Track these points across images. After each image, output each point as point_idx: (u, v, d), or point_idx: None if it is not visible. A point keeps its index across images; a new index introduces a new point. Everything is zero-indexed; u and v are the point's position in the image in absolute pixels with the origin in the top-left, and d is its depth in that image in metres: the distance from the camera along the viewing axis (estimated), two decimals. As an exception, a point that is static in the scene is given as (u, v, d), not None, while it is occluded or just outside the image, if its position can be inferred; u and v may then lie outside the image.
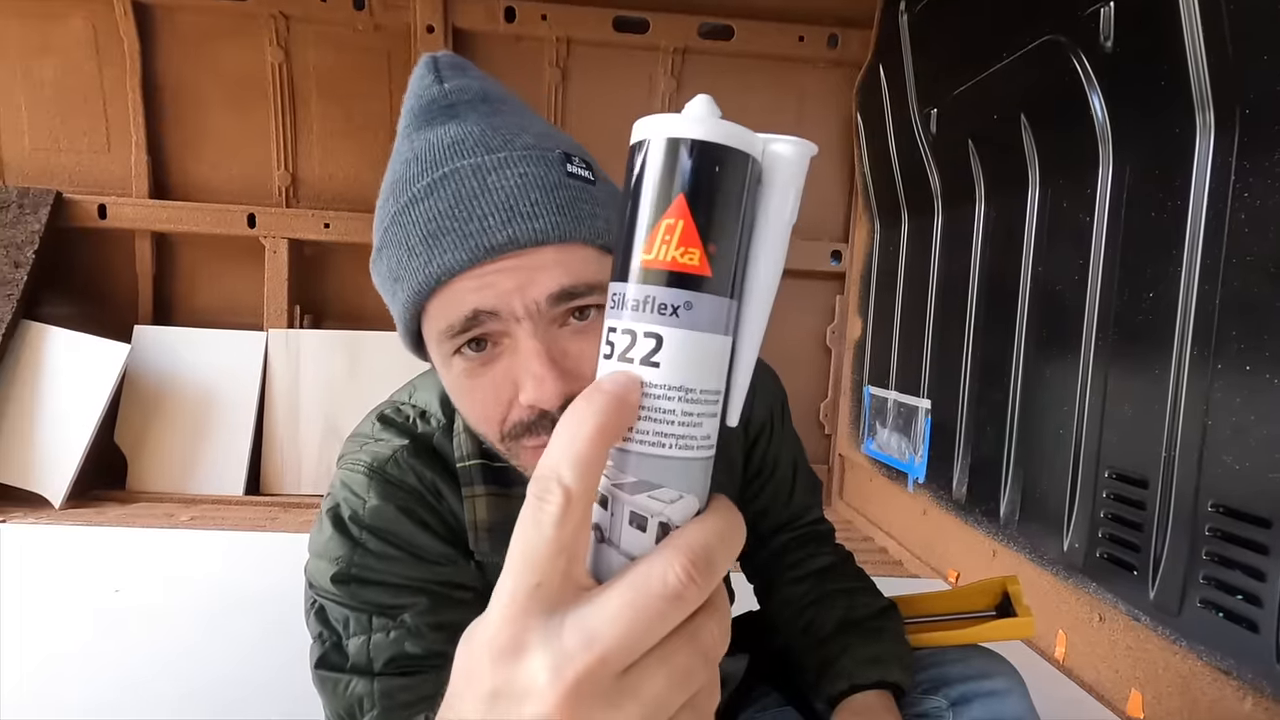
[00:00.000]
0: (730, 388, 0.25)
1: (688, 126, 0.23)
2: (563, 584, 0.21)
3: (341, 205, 2.43)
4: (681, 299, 0.23)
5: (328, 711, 0.54)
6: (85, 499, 2.11)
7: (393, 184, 0.50)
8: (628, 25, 2.38)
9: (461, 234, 0.45)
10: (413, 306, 0.47)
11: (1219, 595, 1.00)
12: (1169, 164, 1.11)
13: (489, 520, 0.56)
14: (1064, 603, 1.33)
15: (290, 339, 2.35)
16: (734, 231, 0.23)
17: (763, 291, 0.24)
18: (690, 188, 0.22)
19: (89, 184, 2.37)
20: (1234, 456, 0.99)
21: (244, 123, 2.40)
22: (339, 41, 2.38)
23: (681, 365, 0.23)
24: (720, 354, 0.24)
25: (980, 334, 1.62)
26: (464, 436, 0.57)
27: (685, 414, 0.23)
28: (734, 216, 0.23)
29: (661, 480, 0.23)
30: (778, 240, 0.24)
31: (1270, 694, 0.93)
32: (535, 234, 0.45)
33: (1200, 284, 1.05)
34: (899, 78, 1.97)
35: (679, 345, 0.23)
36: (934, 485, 1.79)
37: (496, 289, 0.45)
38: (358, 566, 0.53)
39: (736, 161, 0.23)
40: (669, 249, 0.22)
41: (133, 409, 2.25)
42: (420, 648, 0.53)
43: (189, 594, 1.52)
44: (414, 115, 0.51)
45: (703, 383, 0.23)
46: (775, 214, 0.24)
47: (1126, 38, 1.18)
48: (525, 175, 0.46)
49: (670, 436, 0.23)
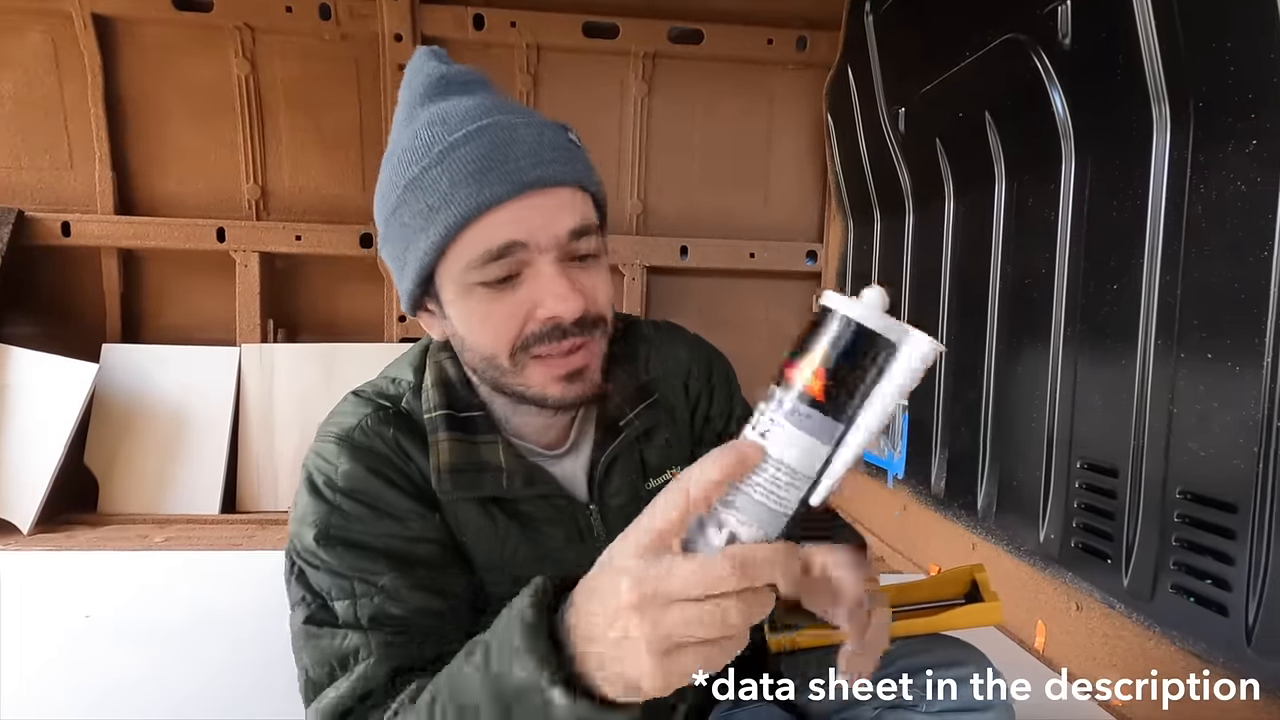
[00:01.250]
0: (819, 479, 0.35)
1: (853, 309, 0.34)
2: (661, 545, 0.36)
3: (313, 217, 2.40)
4: (805, 411, 0.34)
5: (313, 668, 0.55)
6: (55, 523, 2.06)
7: (417, 140, 0.56)
8: (597, 31, 2.38)
9: (502, 171, 0.54)
10: (449, 235, 0.54)
11: (1189, 580, 1.01)
12: (1128, 158, 1.13)
13: (451, 462, 0.60)
14: (1042, 593, 1.34)
15: (264, 353, 2.31)
16: (858, 384, 0.34)
17: (866, 428, 0.34)
18: (841, 350, 0.34)
19: (52, 201, 2.32)
20: (1199, 443, 1.00)
21: (211, 136, 2.36)
22: (306, 51, 2.35)
23: (791, 452, 0.34)
24: (819, 455, 0.35)
25: (953, 330, 1.64)
26: (431, 391, 0.63)
27: (781, 482, 0.35)
28: (862, 376, 0.34)
29: (747, 512, 0.35)
30: (890, 398, 0.34)
31: (1240, 675, 0.94)
32: (558, 176, 0.56)
33: (1162, 275, 1.07)
34: (867, 78, 1.99)
35: (791, 438, 0.34)
36: (913, 481, 1.80)
37: (528, 224, 0.54)
38: (335, 527, 0.57)
39: (880, 343, 0.34)
40: (812, 380, 0.34)
41: (103, 430, 2.20)
42: (401, 609, 0.55)
43: (164, 616, 1.48)
44: (425, 89, 0.59)
45: (801, 468, 0.35)
46: (896, 380, 0.34)
47: (1084, 35, 1.20)
48: (542, 134, 0.57)
49: (765, 491, 0.35)
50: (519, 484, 0.62)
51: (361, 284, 2.43)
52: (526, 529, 0.64)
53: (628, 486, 0.69)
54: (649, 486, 0.71)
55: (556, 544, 0.66)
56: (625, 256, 2.43)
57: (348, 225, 2.32)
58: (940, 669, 0.64)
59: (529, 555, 0.65)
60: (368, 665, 0.53)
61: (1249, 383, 0.93)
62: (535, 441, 0.67)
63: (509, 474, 0.62)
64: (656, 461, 0.71)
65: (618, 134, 2.46)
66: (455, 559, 0.62)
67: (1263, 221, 0.91)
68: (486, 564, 0.64)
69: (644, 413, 0.69)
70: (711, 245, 2.45)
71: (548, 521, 0.65)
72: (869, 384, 0.34)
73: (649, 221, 2.52)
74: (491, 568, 0.64)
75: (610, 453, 0.67)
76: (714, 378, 0.76)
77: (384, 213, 0.59)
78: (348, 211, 2.35)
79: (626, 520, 0.69)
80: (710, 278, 2.52)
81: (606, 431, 0.67)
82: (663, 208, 2.52)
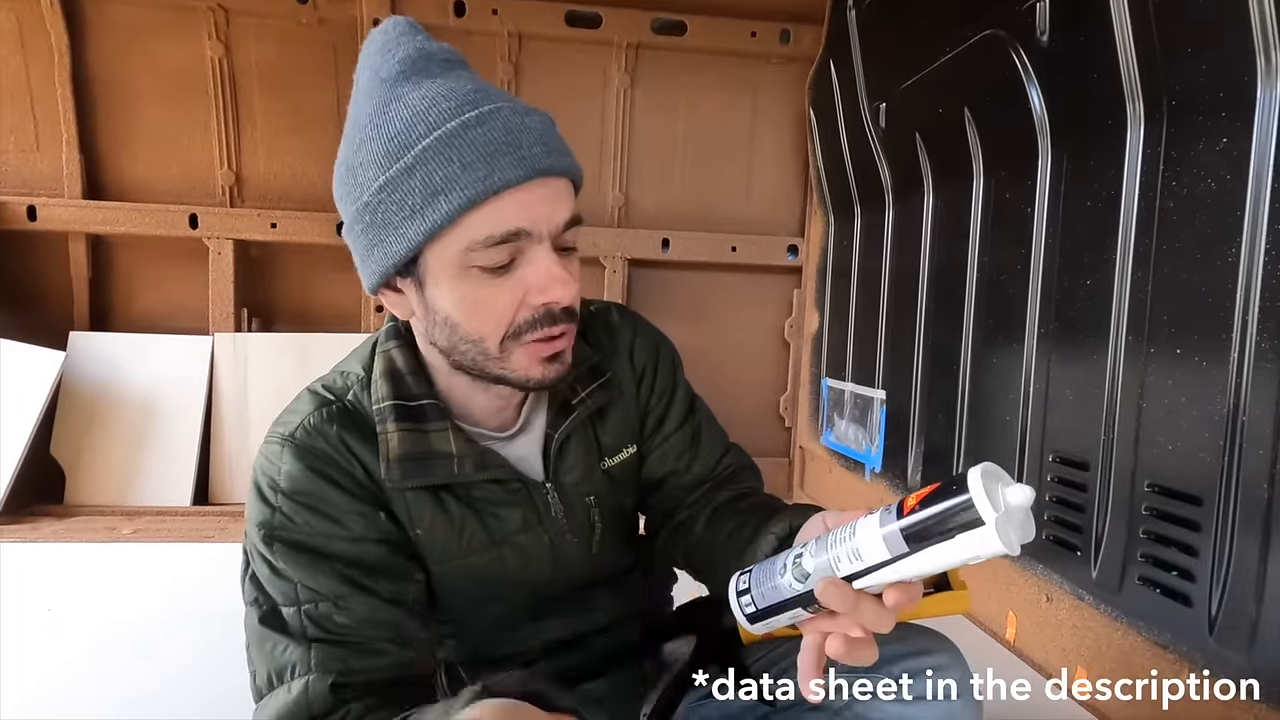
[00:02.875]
0: (871, 572, 0.44)
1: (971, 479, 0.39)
2: None
3: (289, 204, 2.35)
4: (889, 516, 0.43)
5: (260, 673, 0.55)
6: (19, 515, 2.01)
7: (416, 115, 0.55)
8: (580, 20, 2.36)
9: (516, 156, 0.54)
10: (452, 216, 0.53)
11: (1156, 572, 1.03)
12: (1103, 154, 1.14)
13: (400, 452, 0.60)
14: (1014, 584, 1.36)
15: (237, 343, 2.27)
16: (935, 529, 0.40)
17: (917, 565, 0.41)
18: (940, 495, 0.41)
19: (17, 184, 2.25)
20: (1167, 437, 1.02)
21: (183, 120, 2.31)
22: (282, 35, 2.31)
23: (862, 536, 0.44)
24: (878, 552, 0.43)
25: (931, 325, 1.65)
26: (380, 382, 0.63)
27: (847, 557, 0.44)
28: (940, 523, 0.40)
29: (818, 562, 0.46)
30: (949, 557, 0.40)
31: (1204, 665, 0.96)
32: (562, 166, 0.57)
33: (1134, 271, 1.08)
34: (849, 73, 1.99)
35: (870, 529, 0.43)
36: (890, 474, 1.81)
37: (534, 212, 0.55)
38: (280, 528, 0.56)
39: (961, 508, 0.39)
40: (912, 499, 0.42)
41: (70, 419, 2.15)
42: (346, 617, 0.55)
43: (131, 610, 1.46)
44: (412, 63, 0.57)
45: (864, 554, 0.44)
46: (959, 547, 0.40)
47: (1061, 31, 1.21)
48: (544, 123, 0.58)
49: (837, 556, 0.45)
50: (470, 468, 0.62)
51: (338, 273, 2.39)
52: (481, 515, 0.64)
53: (582, 463, 0.69)
54: (605, 466, 0.71)
55: (513, 527, 0.65)
56: (606, 249, 2.42)
57: (325, 213, 2.28)
58: (910, 658, 0.64)
59: (484, 541, 0.64)
60: (307, 682, 0.53)
61: (1215, 378, 0.94)
62: (487, 425, 0.66)
63: (459, 459, 0.61)
64: (612, 441, 0.72)
65: (599, 125, 2.44)
66: (405, 561, 0.61)
67: (1230, 219, 0.93)
68: (442, 557, 0.63)
69: (596, 391, 0.69)
70: (693, 238, 2.45)
71: (502, 504, 0.65)
72: (940, 536, 0.40)
73: (630, 214, 2.51)
74: (447, 560, 0.63)
75: (564, 430, 0.67)
76: (660, 358, 0.77)
77: (365, 184, 0.56)
78: (325, 200, 2.30)
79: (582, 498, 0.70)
80: (692, 271, 2.52)
81: (559, 411, 0.67)
82: (644, 200, 2.51)
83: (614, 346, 0.74)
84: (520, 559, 0.66)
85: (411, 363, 0.64)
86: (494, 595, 0.67)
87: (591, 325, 0.74)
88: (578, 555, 0.69)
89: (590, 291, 2.09)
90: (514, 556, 0.66)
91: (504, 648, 0.69)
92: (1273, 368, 0.87)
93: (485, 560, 0.64)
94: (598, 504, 0.70)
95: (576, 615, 0.71)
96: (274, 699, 0.53)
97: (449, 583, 0.64)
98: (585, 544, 0.70)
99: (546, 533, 0.67)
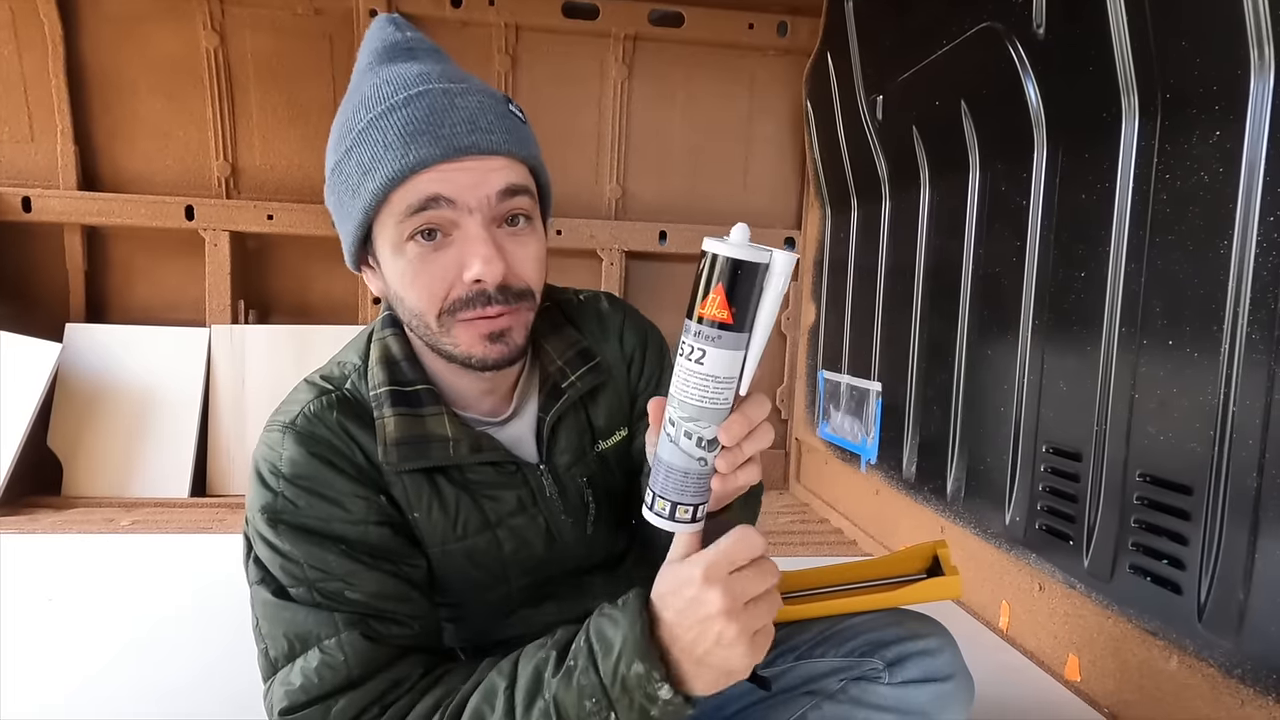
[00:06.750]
0: (741, 376, 0.46)
1: (729, 249, 0.43)
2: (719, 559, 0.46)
3: (285, 196, 2.35)
4: (717, 333, 0.44)
5: (274, 646, 0.55)
6: (17, 506, 2.01)
7: (362, 101, 0.58)
8: (577, 11, 2.35)
9: (435, 136, 0.55)
10: (380, 194, 0.56)
11: (1146, 561, 1.04)
12: (1098, 147, 1.15)
13: (397, 436, 0.61)
14: (1007, 574, 1.38)
15: (235, 335, 2.27)
16: (748, 300, 0.44)
17: (763, 329, 0.45)
18: (726, 280, 0.43)
19: (12, 175, 2.24)
20: (1159, 427, 1.03)
21: (178, 110, 2.30)
22: (278, 26, 2.29)
23: (714, 364, 0.44)
24: (736, 360, 0.45)
25: (926, 317, 1.66)
26: (376, 369, 0.64)
27: (715, 388, 0.45)
28: (748, 293, 0.43)
29: (703, 418, 0.45)
30: (773, 304, 0.44)
31: (1193, 652, 0.98)
32: (492, 145, 0.57)
33: (1127, 263, 1.09)
34: (846, 65, 1.99)
35: (714, 356, 0.44)
36: (885, 465, 1.83)
37: (455, 182, 0.56)
38: (283, 511, 0.57)
39: (751, 267, 0.43)
40: (713, 308, 0.43)
41: (67, 411, 2.15)
42: (358, 593, 0.56)
43: (130, 600, 1.46)
44: (377, 54, 0.61)
45: (725, 374, 0.45)
46: (773, 290, 0.44)
47: (1057, 24, 1.22)
48: (482, 103, 0.58)
49: (709, 398, 0.45)
50: (465, 451, 0.63)
51: (335, 265, 2.37)
52: (476, 497, 0.65)
53: (575, 446, 0.70)
54: (598, 449, 0.72)
55: (508, 509, 0.66)
56: (604, 241, 2.42)
57: (321, 205, 2.25)
58: (903, 642, 0.65)
59: (480, 523, 0.65)
60: (339, 640, 0.54)
61: (1207, 369, 0.95)
62: (479, 410, 0.68)
63: (455, 442, 0.63)
64: (604, 424, 0.73)
65: (597, 117, 2.44)
66: (407, 544, 0.62)
67: (1223, 211, 0.94)
68: (440, 539, 0.64)
69: (586, 375, 0.70)
70: (691, 230, 2.45)
71: (498, 487, 0.66)
72: (756, 298, 0.44)
73: (628, 206, 2.51)
74: (444, 542, 0.64)
75: (555, 413, 0.68)
76: (649, 343, 0.78)
77: (328, 167, 0.62)
78: (321, 191, 2.29)
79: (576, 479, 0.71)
80: (689, 263, 2.52)
81: (549, 395, 0.69)
82: (642, 192, 2.51)
83: (603, 332, 0.75)
84: (516, 540, 0.67)
85: (406, 349, 0.65)
86: (491, 578, 0.68)
87: (581, 312, 0.76)
88: (572, 536, 0.70)
89: (587, 284, 2.09)
90: (510, 538, 0.67)
91: (502, 633, 0.70)
92: (1262, 360, 0.88)
93: (482, 542, 0.65)
94: (591, 485, 0.71)
95: (574, 600, 0.72)
96: (303, 663, 0.53)
97: (447, 566, 0.65)
98: (580, 525, 0.71)
99: (541, 514, 0.68)
